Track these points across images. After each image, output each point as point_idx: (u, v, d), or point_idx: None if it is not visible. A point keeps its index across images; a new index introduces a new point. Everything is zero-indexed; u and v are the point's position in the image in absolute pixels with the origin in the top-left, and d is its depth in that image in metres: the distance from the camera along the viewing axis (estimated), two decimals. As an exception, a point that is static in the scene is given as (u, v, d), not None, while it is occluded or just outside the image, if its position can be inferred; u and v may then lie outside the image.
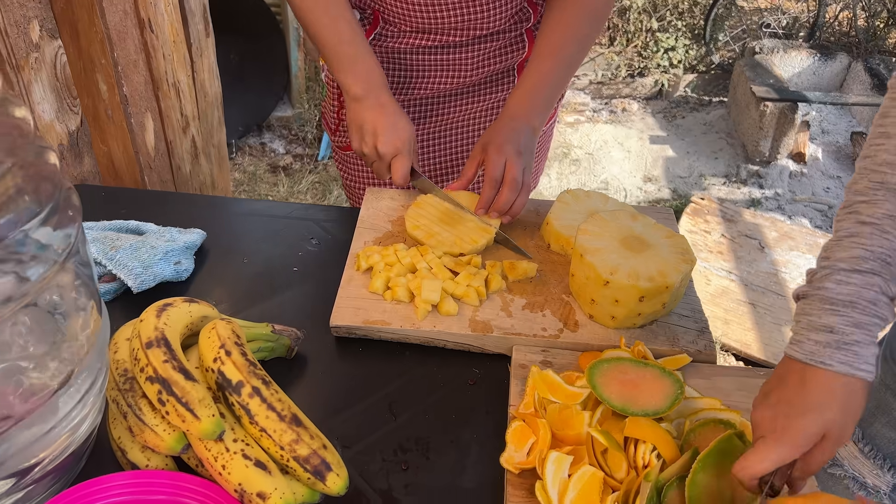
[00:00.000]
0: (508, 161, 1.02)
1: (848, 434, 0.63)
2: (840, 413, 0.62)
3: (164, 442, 0.69)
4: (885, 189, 0.67)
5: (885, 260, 0.65)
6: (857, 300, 0.64)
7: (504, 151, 1.02)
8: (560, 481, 0.70)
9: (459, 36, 1.11)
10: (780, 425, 0.63)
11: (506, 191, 1.01)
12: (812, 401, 0.62)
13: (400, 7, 1.07)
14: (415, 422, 0.83)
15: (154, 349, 0.70)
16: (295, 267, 1.05)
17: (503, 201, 1.02)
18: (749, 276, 2.66)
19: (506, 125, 1.06)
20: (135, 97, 1.41)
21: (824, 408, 0.62)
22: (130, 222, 1.06)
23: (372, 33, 1.14)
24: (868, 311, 0.63)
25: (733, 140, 3.79)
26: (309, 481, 0.69)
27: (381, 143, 1.04)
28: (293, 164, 3.33)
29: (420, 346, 0.92)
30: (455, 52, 1.15)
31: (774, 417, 0.64)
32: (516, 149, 1.03)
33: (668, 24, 4.12)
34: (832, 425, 0.62)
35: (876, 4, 4.06)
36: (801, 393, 0.63)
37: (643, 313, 0.88)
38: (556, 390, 0.78)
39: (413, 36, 1.12)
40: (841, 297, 0.64)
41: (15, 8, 1.09)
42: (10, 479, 0.65)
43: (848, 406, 0.62)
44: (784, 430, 0.63)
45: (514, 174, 1.01)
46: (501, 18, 1.11)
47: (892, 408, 0.88)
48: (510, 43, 1.17)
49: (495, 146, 1.03)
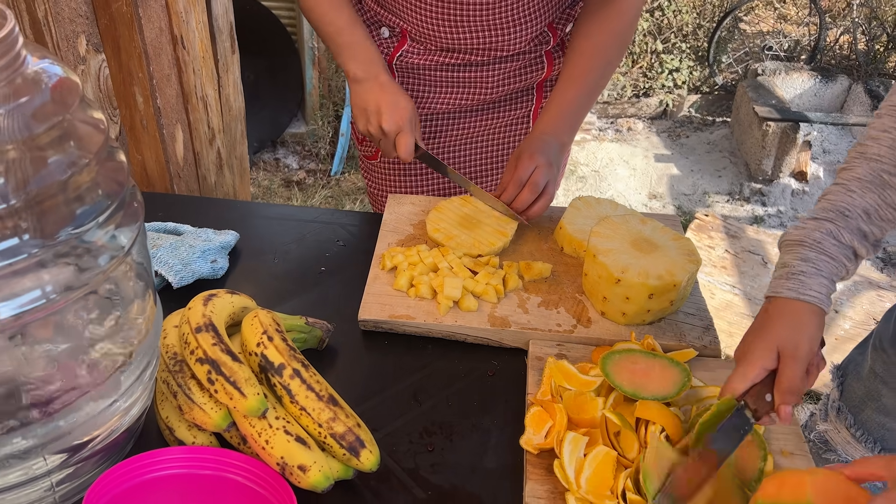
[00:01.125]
0: (538, 167, 1.10)
1: (802, 351, 0.71)
2: (789, 330, 0.72)
3: (212, 419, 0.75)
4: (862, 158, 0.78)
5: (841, 212, 0.76)
6: (804, 239, 0.76)
7: (535, 159, 1.10)
8: (576, 460, 0.75)
9: (482, 56, 1.19)
10: (742, 348, 0.75)
11: (526, 192, 1.09)
12: (767, 324, 0.74)
13: (426, 27, 1.15)
14: (438, 409, 0.88)
15: (203, 333, 0.77)
16: (322, 266, 1.11)
17: (522, 200, 1.10)
18: (752, 291, 2.71)
19: (539, 138, 1.14)
20: (167, 109, 1.49)
21: (774, 326, 0.73)
22: (168, 224, 1.13)
23: (399, 50, 1.21)
24: (814, 248, 0.75)
25: (736, 159, 3.86)
26: (344, 457, 0.75)
27: (385, 121, 1.10)
28: (306, 179, 3.41)
29: (442, 339, 0.98)
30: (477, 71, 1.22)
31: (742, 346, 0.76)
32: (547, 159, 1.11)
33: (673, 45, 4.21)
34: (783, 340, 0.72)
35: (876, 29, 4.15)
36: (761, 321, 0.76)
37: (652, 310, 0.94)
38: (571, 378, 0.84)
39: (438, 54, 1.19)
40: (793, 238, 0.78)
41: (66, 24, 1.17)
42: (61, 454, 0.71)
43: (797, 325, 0.73)
44: (743, 350, 0.75)
45: (536, 178, 1.09)
46: (522, 41, 1.18)
47: (882, 395, 0.94)
48: (530, 63, 1.24)
49: (528, 153, 1.11)
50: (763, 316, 0.76)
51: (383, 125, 1.11)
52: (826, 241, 0.75)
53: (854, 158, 0.78)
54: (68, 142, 0.62)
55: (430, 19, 1.13)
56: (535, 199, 1.10)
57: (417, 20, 1.15)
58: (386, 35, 1.21)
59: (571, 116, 1.17)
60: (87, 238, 0.65)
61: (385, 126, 1.11)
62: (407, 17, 1.16)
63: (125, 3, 1.29)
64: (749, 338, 0.76)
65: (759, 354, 0.73)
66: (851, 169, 0.78)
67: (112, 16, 1.29)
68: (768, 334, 0.73)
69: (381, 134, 1.13)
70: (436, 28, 1.14)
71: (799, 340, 0.72)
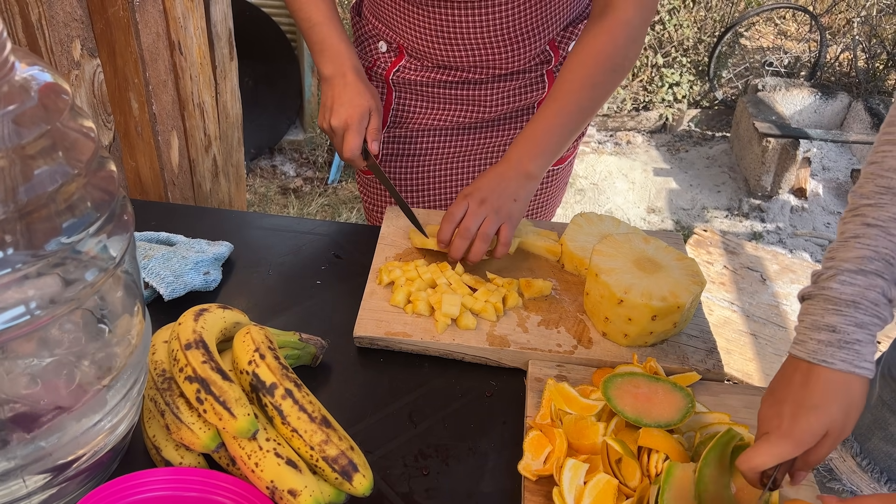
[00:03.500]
0: (469, 210, 1.01)
1: (848, 430, 0.66)
2: (841, 411, 0.65)
3: (200, 439, 0.72)
4: (890, 193, 0.69)
5: (888, 261, 0.67)
6: (859, 300, 0.66)
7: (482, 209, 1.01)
8: (576, 488, 0.73)
9: (480, 74, 1.16)
10: (785, 423, 0.66)
11: (479, 243, 1.01)
12: (815, 399, 0.65)
13: (424, 45, 1.12)
14: (434, 430, 0.86)
15: (193, 350, 0.74)
16: (318, 280, 1.09)
17: (455, 248, 1.01)
18: (751, 308, 2.69)
19: (495, 175, 1.04)
20: (163, 116, 1.47)
21: (827, 406, 0.65)
22: (161, 234, 1.10)
23: (396, 65, 1.19)
24: (870, 311, 0.66)
25: (736, 174, 3.86)
26: (336, 481, 0.72)
27: (334, 117, 1.06)
28: (303, 187, 3.39)
29: (439, 358, 0.95)
30: (475, 89, 1.19)
31: (779, 415, 0.67)
32: (495, 206, 1.01)
33: (673, 60, 4.21)
34: (834, 423, 0.65)
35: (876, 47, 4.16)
36: (804, 391, 0.66)
37: (655, 332, 0.92)
38: (572, 402, 0.82)
39: (435, 71, 1.17)
40: (844, 297, 0.67)
41: (60, 28, 1.14)
42: (46, 474, 0.69)
43: (849, 403, 0.65)
44: (788, 428, 0.65)
45: (466, 223, 1.00)
46: (522, 59, 1.15)
47: (889, 423, 0.92)
48: (531, 82, 1.20)
49: (476, 200, 1.02)
50: (804, 384, 0.67)
51: (332, 121, 1.07)
52: (881, 301, 0.67)
53: (881, 194, 0.70)
54: (57, 151, 0.59)
55: (427, 37, 1.11)
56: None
57: (415, 37, 1.13)
58: (384, 50, 1.19)
59: (544, 141, 1.04)
60: (75, 250, 0.63)
61: (333, 122, 1.06)
62: (404, 33, 1.14)
63: (122, 8, 1.27)
64: (787, 409, 0.67)
65: (808, 437, 0.65)
66: (882, 207, 0.69)
67: (108, 20, 1.26)
68: (818, 414, 0.65)
69: (331, 131, 1.09)
70: (433, 46, 1.12)
71: (848, 421, 0.66)
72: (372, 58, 1.22)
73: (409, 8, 1.10)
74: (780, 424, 0.66)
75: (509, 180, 1.03)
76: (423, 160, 1.29)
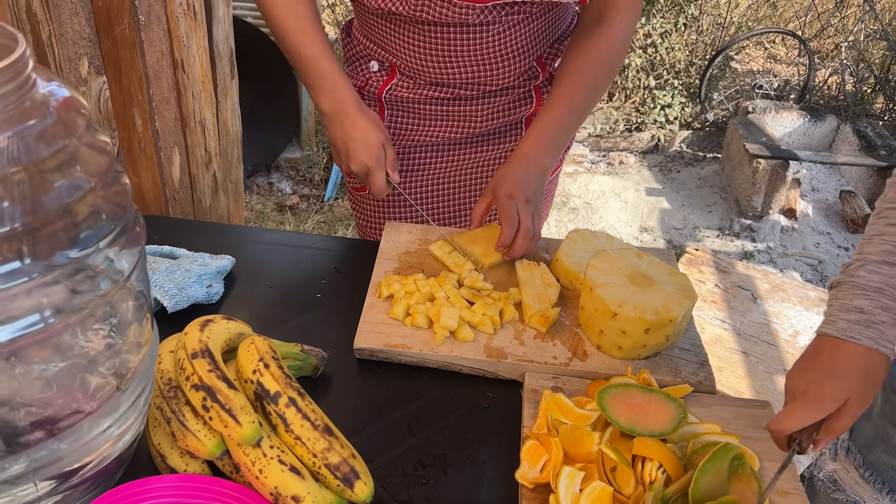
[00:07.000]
0: (520, 210, 1.08)
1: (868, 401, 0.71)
2: (863, 381, 0.71)
3: (205, 446, 0.74)
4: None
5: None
6: (884, 287, 0.74)
7: (514, 198, 1.08)
8: (572, 495, 0.75)
9: (470, 90, 1.20)
10: (811, 389, 0.73)
11: (521, 239, 1.08)
12: (840, 369, 0.72)
13: (415, 62, 1.16)
14: (433, 440, 0.88)
15: (199, 359, 0.76)
16: (318, 293, 1.11)
17: (518, 248, 1.09)
18: (742, 326, 2.72)
19: (516, 167, 1.12)
20: (165, 132, 1.49)
21: (850, 375, 0.72)
22: (164, 247, 1.13)
23: (388, 84, 1.22)
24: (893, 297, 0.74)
25: (727, 195, 3.91)
26: (338, 488, 0.74)
27: (353, 163, 1.12)
28: (299, 204, 3.42)
29: (437, 369, 0.97)
30: (466, 105, 1.23)
31: (806, 383, 0.74)
32: (525, 196, 1.09)
33: (665, 82, 4.28)
34: (855, 391, 0.71)
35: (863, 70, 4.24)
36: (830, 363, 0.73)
37: (648, 345, 0.94)
38: (568, 412, 0.84)
39: (427, 88, 1.20)
40: (871, 283, 0.75)
41: (69, 46, 1.17)
42: (51, 481, 0.70)
43: (870, 376, 0.72)
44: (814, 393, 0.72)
45: (526, 224, 1.08)
46: (511, 76, 1.19)
47: (891, 436, 0.94)
48: (519, 98, 1.25)
49: (505, 192, 1.09)
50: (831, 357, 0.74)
51: (352, 166, 1.12)
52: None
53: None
54: (74, 165, 0.62)
55: (418, 54, 1.14)
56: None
57: (406, 55, 1.16)
58: (375, 69, 1.22)
59: (555, 137, 1.14)
60: (89, 262, 0.64)
61: (353, 168, 1.12)
62: (396, 51, 1.17)
63: (128, 27, 1.30)
64: (813, 376, 0.74)
65: (830, 402, 0.71)
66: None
67: (115, 39, 1.29)
68: (842, 382, 0.72)
69: (352, 174, 1.15)
70: (425, 63, 1.15)
71: (869, 394, 0.72)
72: (364, 77, 1.25)
73: (402, 29, 1.13)
74: (805, 391, 0.73)
75: (530, 175, 1.11)
76: (415, 175, 1.32)
